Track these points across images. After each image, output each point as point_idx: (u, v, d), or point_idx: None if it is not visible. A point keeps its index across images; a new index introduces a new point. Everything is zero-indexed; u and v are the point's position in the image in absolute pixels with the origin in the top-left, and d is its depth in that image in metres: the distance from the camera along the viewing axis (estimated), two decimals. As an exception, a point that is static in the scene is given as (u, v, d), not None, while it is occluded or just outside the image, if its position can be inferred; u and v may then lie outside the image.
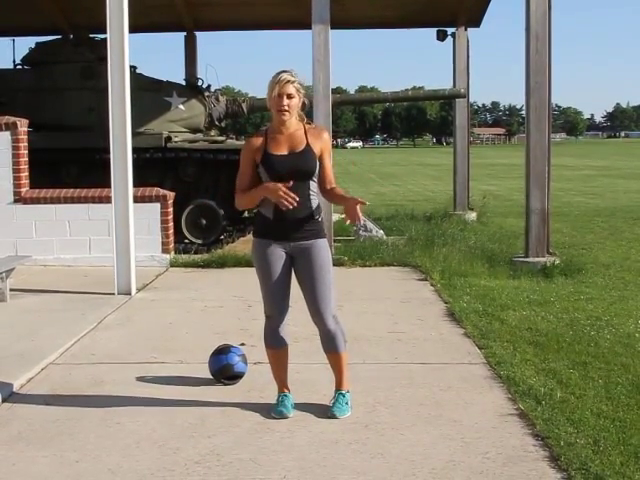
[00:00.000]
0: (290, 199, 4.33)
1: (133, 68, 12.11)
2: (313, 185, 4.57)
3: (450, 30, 15.92)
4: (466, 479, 3.81)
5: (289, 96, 4.44)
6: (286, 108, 4.44)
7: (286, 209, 4.37)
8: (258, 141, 4.55)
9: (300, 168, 4.49)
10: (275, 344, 4.71)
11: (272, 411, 4.68)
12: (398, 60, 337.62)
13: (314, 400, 4.89)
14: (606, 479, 3.74)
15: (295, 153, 4.51)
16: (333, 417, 4.61)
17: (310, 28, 10.35)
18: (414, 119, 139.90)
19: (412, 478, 3.83)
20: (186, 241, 12.13)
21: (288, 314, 4.70)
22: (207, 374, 5.32)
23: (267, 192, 4.42)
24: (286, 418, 4.62)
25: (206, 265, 10.19)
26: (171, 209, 10.48)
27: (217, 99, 13.76)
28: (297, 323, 5.43)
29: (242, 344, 5.95)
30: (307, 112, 9.83)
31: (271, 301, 4.63)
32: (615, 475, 3.77)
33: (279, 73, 4.47)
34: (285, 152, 4.50)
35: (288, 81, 4.44)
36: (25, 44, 15.01)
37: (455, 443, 4.22)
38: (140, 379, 5.42)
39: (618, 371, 5.45)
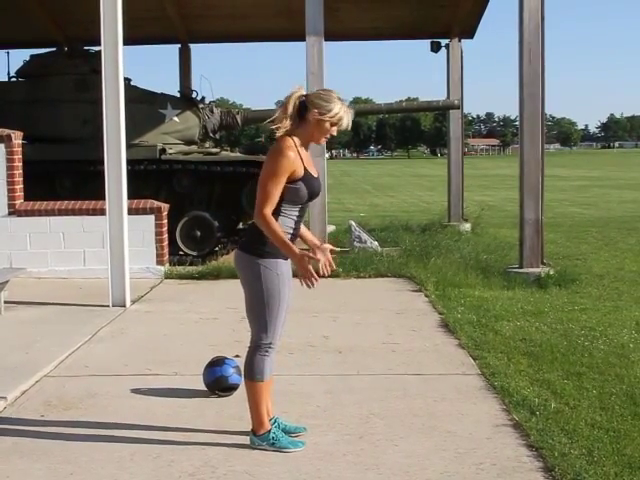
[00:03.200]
0: (313, 281, 4.02)
1: (127, 80, 12.13)
2: None
3: (444, 41, 16.02)
4: (460, 490, 3.81)
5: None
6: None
7: (307, 285, 4.04)
8: (295, 152, 4.07)
9: (318, 193, 4.26)
10: (272, 372, 4.30)
11: (290, 445, 4.29)
12: (392, 72, 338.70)
13: (308, 411, 4.89)
14: (600, 489, 3.75)
15: (318, 177, 4.24)
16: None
17: (304, 40, 10.38)
18: (408, 130, 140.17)
19: (406, 489, 3.83)
20: (181, 253, 12.12)
21: None
22: (201, 386, 5.31)
23: (301, 261, 3.99)
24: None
25: (201, 277, 10.19)
26: (165, 221, 10.49)
27: (211, 111, 13.78)
28: (290, 335, 5.43)
29: (237, 356, 5.93)
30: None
31: (279, 328, 4.23)
32: (609, 485, 3.78)
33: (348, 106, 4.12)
34: (315, 174, 4.20)
35: None
36: (20, 57, 15.06)
37: (449, 454, 4.22)
38: (134, 391, 5.41)
39: (612, 381, 5.45)
